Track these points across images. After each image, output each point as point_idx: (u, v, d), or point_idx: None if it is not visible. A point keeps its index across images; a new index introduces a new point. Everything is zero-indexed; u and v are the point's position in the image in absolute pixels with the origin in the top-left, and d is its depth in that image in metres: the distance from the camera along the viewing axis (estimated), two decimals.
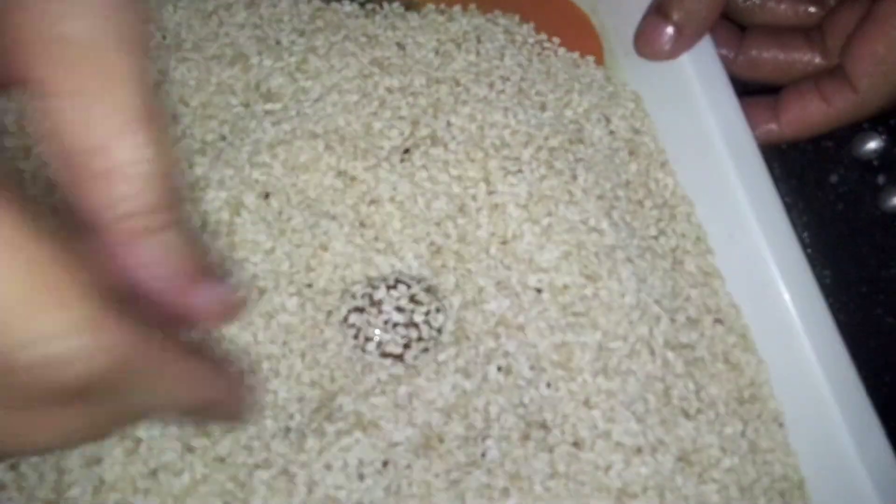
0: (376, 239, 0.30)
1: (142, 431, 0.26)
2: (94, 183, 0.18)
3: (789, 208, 0.37)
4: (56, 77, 0.17)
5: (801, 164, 0.37)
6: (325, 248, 0.29)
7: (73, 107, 0.17)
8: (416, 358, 0.28)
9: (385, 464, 0.26)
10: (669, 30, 0.31)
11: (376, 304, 0.28)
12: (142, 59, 0.18)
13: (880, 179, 0.36)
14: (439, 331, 0.28)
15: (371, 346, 0.28)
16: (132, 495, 0.26)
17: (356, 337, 0.28)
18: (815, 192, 0.37)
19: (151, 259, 0.19)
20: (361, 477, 0.26)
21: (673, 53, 0.32)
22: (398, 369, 0.28)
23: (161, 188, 0.18)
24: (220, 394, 0.21)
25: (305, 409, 0.27)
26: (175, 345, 0.19)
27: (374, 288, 0.28)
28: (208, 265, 0.20)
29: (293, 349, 0.28)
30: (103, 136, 0.17)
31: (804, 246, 0.36)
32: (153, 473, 0.26)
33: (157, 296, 0.19)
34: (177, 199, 0.19)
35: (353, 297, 0.28)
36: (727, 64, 0.34)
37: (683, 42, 0.32)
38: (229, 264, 0.28)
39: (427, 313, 0.28)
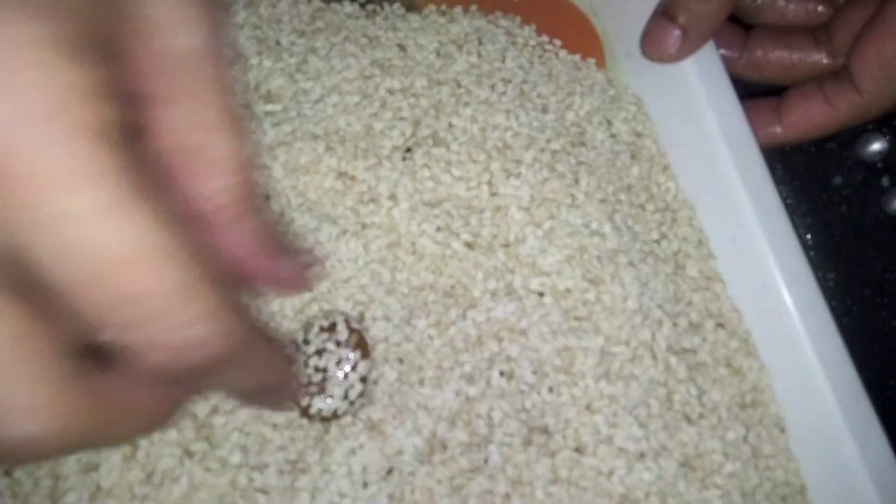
0: (376, 239, 0.29)
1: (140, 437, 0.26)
2: (195, 177, 0.19)
3: (792, 210, 0.37)
4: (161, 87, 0.18)
5: (804, 165, 0.37)
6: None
7: (176, 112, 0.19)
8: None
9: (390, 471, 0.26)
10: (676, 32, 0.31)
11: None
12: (226, 68, 0.19)
13: (884, 181, 0.36)
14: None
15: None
16: (129, 502, 0.25)
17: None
18: (819, 193, 0.37)
19: (247, 237, 0.20)
20: (366, 484, 0.26)
21: (679, 56, 0.32)
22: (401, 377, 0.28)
23: (247, 178, 0.20)
24: (284, 376, 0.22)
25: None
26: (261, 330, 0.21)
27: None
28: (286, 243, 0.22)
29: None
30: (203, 135, 0.19)
31: (807, 248, 0.36)
32: (151, 479, 0.25)
33: (252, 269, 0.21)
34: (256, 188, 0.20)
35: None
36: (731, 64, 0.33)
37: (689, 44, 0.31)
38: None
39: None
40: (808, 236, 0.37)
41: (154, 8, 0.18)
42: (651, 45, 0.32)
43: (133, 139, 0.17)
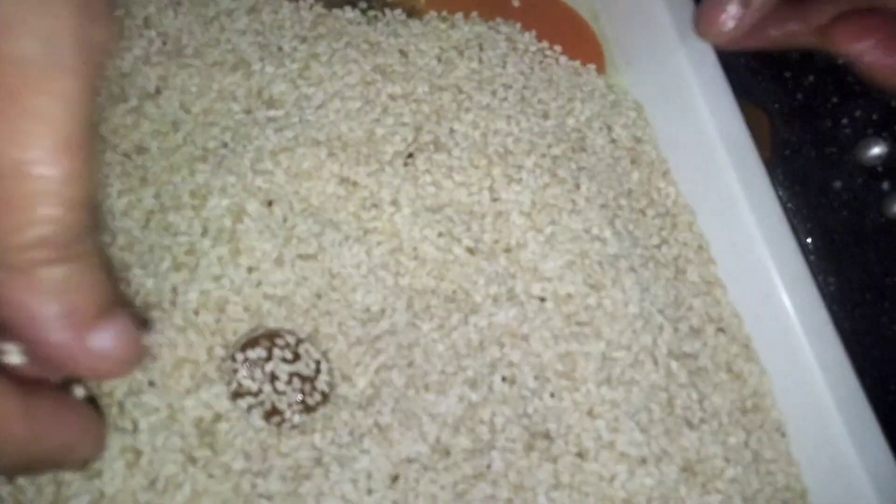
0: (379, 245, 0.29)
1: (143, 444, 0.26)
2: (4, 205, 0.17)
3: (793, 215, 0.37)
4: None
5: (804, 169, 0.37)
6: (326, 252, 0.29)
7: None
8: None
9: (395, 478, 0.26)
10: (733, 8, 0.30)
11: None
12: (87, 81, 0.17)
13: (885, 186, 0.36)
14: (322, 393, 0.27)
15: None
16: None
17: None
18: (819, 198, 0.37)
19: (48, 290, 0.18)
20: (370, 491, 0.26)
21: (735, 33, 0.30)
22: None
23: (76, 217, 0.18)
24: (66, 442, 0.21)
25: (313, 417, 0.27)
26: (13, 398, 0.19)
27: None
28: (114, 302, 0.19)
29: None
30: (25, 157, 0.17)
31: (808, 253, 0.36)
32: (154, 486, 0.25)
33: (43, 338, 0.19)
34: (93, 232, 0.18)
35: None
36: (796, 37, 0.32)
37: (748, 19, 0.30)
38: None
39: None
40: (809, 241, 0.37)
41: None
42: (707, 25, 0.30)
43: None
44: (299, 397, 0.26)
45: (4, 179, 0.17)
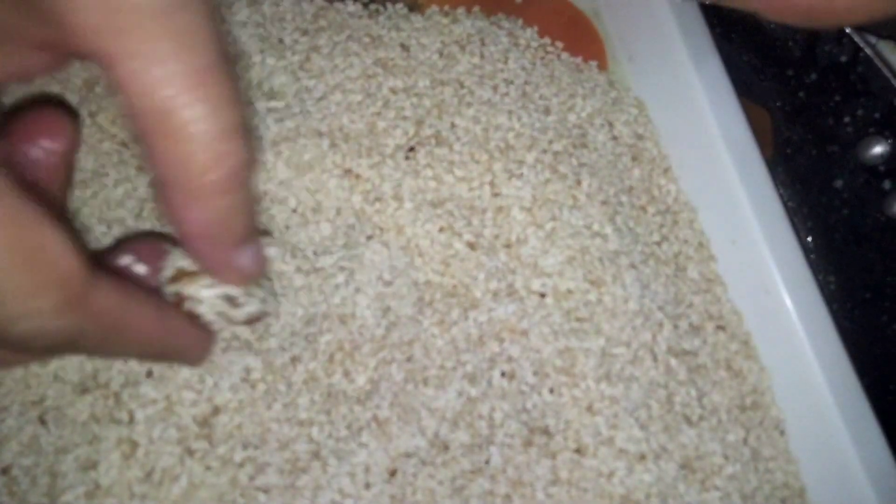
0: (380, 239, 0.29)
1: (140, 436, 0.25)
2: (160, 142, 0.18)
3: (794, 213, 0.37)
4: (119, 45, 0.17)
5: (805, 168, 0.37)
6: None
7: (137, 70, 0.17)
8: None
9: (393, 472, 0.26)
10: None
11: None
12: (207, 16, 0.18)
13: (886, 185, 0.36)
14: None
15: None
16: (128, 500, 0.25)
17: None
18: (820, 197, 0.37)
19: (206, 219, 0.19)
20: (368, 485, 0.25)
21: None
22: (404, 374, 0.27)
23: (225, 147, 0.18)
24: (183, 344, 0.23)
25: (311, 412, 0.27)
26: (148, 303, 0.21)
27: None
28: (255, 227, 0.21)
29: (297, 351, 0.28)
30: (166, 97, 0.18)
31: (808, 251, 0.36)
32: (150, 478, 0.25)
33: (200, 251, 0.21)
34: (245, 156, 0.19)
35: None
36: None
37: None
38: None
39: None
40: (809, 239, 0.37)
41: None
42: None
43: None
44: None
45: (152, 119, 0.18)
